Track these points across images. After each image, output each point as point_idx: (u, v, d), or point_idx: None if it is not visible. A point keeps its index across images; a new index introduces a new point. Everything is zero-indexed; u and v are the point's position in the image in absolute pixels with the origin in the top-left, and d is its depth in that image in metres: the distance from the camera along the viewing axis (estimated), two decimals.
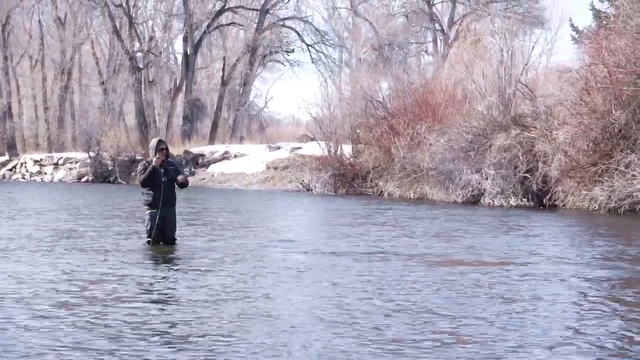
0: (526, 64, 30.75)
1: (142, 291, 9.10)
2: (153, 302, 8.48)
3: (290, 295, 8.90)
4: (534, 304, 8.44)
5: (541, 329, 7.26)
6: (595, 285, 9.85)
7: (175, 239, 13.48)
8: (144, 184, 13.22)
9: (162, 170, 13.09)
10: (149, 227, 13.21)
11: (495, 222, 19.28)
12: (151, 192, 13.13)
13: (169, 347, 6.56)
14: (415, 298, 8.74)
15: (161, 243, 13.23)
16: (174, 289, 9.27)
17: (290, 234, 16.45)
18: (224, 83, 56.76)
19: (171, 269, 10.99)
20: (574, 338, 6.96)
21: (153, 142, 13.67)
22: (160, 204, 13.05)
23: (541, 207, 24.77)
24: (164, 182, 13.10)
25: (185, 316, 7.65)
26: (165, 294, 8.94)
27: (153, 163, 13.09)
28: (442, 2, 58.46)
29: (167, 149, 13.52)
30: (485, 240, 14.95)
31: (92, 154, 50.55)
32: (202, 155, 48.55)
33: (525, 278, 10.22)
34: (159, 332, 7.02)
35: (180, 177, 13.31)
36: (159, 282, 9.75)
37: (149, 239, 13.22)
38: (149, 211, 13.19)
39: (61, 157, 53.69)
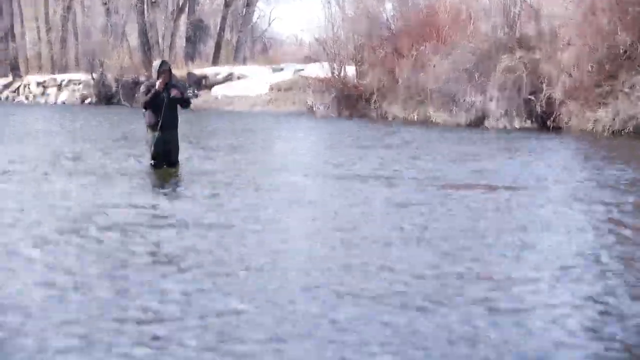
0: None
1: (149, 215, 9.12)
2: (161, 226, 8.49)
3: (299, 222, 8.87)
4: (550, 230, 8.40)
5: (555, 255, 7.27)
6: (610, 209, 9.78)
7: (179, 161, 13.52)
8: (146, 106, 13.21)
9: (165, 94, 13.04)
10: (152, 149, 13.23)
11: (504, 145, 19.22)
12: (153, 114, 13.12)
13: (180, 274, 6.60)
14: (428, 224, 8.67)
15: (165, 165, 13.27)
16: (181, 213, 9.21)
17: (297, 157, 16.40)
18: (227, 4, 56.18)
19: (176, 193, 11.00)
20: (591, 264, 7.00)
21: (156, 63, 13.61)
22: (163, 125, 13.04)
23: (545, 129, 24.73)
24: (166, 104, 13.07)
25: (195, 242, 7.64)
26: (173, 219, 8.92)
27: (156, 86, 13.02)
28: None
29: (170, 70, 13.45)
30: (496, 164, 14.84)
31: (95, 75, 50.36)
32: (205, 77, 48.29)
33: (541, 203, 10.16)
34: (169, 259, 7.02)
35: (174, 92, 13.11)
36: (165, 206, 9.76)
37: (152, 161, 13.26)
38: (152, 133, 13.20)
39: (64, 79, 53.53)
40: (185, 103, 13.60)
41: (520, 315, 5.49)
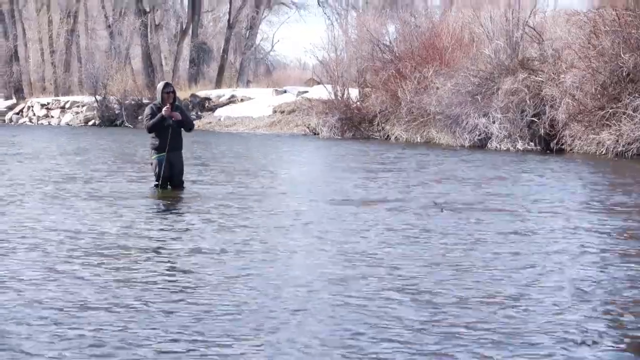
0: (534, 7, 30.57)
1: (151, 240, 9.03)
2: (168, 252, 8.42)
3: (310, 248, 8.56)
4: (570, 255, 8.22)
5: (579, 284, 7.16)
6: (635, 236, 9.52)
7: (183, 182, 13.54)
8: (150, 130, 13.23)
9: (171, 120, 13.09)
10: (156, 171, 13.25)
11: (513, 167, 18.96)
12: (158, 136, 13.16)
13: (178, 299, 6.59)
14: (447, 249, 8.44)
15: (169, 187, 13.29)
16: (188, 238, 9.09)
17: (304, 181, 16.09)
18: (230, 26, 56.46)
19: (182, 217, 10.90)
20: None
21: (160, 85, 13.62)
22: (168, 147, 13.07)
23: (548, 152, 24.73)
24: (171, 126, 13.11)
25: (205, 268, 7.50)
26: (180, 244, 8.83)
27: (163, 113, 13.02)
28: None
29: (174, 92, 13.48)
30: (509, 187, 14.63)
31: (98, 97, 50.51)
32: (209, 99, 48.47)
33: (559, 228, 9.92)
34: (182, 287, 6.90)
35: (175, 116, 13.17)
36: (166, 230, 9.65)
37: (156, 183, 13.27)
38: (156, 155, 13.23)
39: (68, 101, 53.72)
40: (189, 125, 13.66)
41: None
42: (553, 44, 27.44)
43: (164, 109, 13.05)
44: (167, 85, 13.51)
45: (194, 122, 14.55)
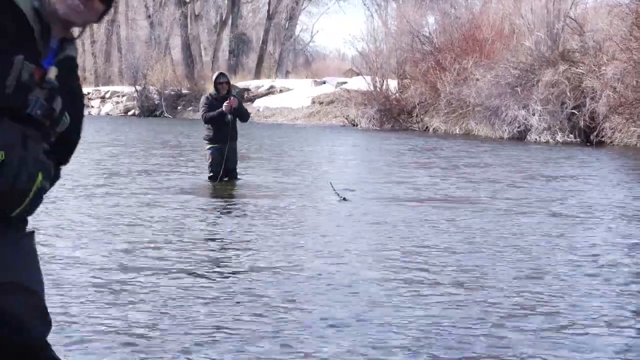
0: None
1: (213, 237, 9.13)
2: (225, 250, 8.49)
3: (352, 246, 8.20)
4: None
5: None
6: None
7: (237, 173, 13.60)
8: (207, 121, 13.25)
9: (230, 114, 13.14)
10: (210, 162, 13.37)
11: (571, 163, 18.36)
12: (213, 127, 13.26)
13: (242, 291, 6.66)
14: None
15: (224, 178, 13.35)
16: (248, 237, 8.83)
17: (355, 176, 15.63)
18: (269, 17, 56.69)
19: (239, 212, 10.74)
20: None
21: (214, 75, 13.77)
22: (222, 139, 13.19)
23: (588, 144, 24.69)
24: (227, 118, 13.17)
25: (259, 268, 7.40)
26: (239, 242, 8.74)
27: (223, 109, 13.05)
28: None
29: (228, 82, 13.55)
30: (581, 185, 13.83)
31: (138, 87, 50.90)
32: (248, 89, 48.67)
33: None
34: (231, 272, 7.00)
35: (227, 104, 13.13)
36: (215, 226, 9.58)
37: (210, 174, 13.38)
38: (210, 146, 13.33)
39: (108, 91, 54.22)
40: (245, 116, 13.64)
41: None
42: (594, 35, 27.37)
43: (224, 104, 13.08)
44: (221, 75, 13.58)
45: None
